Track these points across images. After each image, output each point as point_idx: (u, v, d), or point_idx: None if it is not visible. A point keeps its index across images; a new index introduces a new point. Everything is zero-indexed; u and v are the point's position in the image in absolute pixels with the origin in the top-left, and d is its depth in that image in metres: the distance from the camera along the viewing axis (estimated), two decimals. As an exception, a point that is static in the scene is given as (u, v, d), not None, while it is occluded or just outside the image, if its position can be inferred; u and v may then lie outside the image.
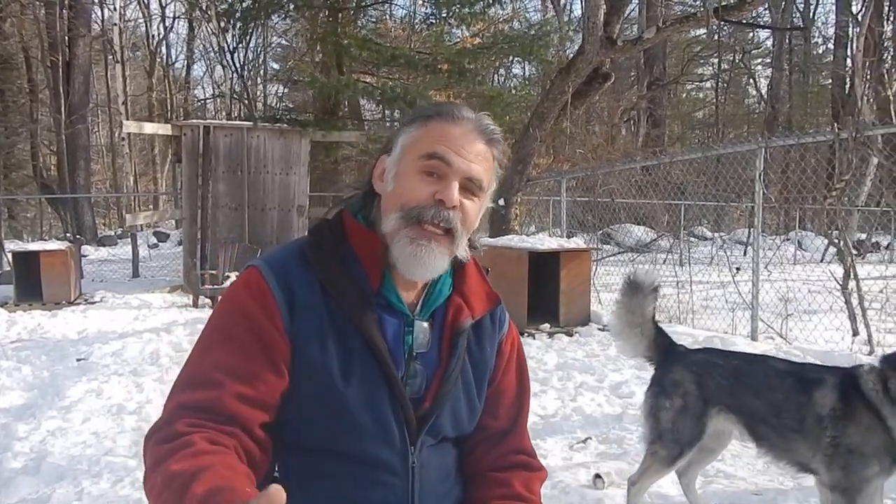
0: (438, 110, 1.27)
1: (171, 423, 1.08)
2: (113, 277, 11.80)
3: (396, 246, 1.21)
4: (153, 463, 1.05)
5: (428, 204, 1.20)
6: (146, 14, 23.66)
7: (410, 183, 1.21)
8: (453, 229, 1.21)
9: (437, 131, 1.23)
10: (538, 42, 12.61)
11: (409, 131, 1.25)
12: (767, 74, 25.08)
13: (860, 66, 9.26)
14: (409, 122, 1.28)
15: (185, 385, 1.16)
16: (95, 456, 3.28)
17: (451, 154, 1.21)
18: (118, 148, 22.39)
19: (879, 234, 14.93)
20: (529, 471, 1.38)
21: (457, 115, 1.24)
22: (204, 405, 1.10)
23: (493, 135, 1.26)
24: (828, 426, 2.31)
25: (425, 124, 1.24)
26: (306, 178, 10.54)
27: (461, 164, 1.21)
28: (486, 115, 1.30)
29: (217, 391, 1.11)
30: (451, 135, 1.22)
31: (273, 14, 14.47)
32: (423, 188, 1.20)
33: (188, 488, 0.95)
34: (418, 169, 1.21)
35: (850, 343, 5.50)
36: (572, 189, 11.21)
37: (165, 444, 1.05)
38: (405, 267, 1.22)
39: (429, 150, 1.21)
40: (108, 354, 5.54)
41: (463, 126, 1.24)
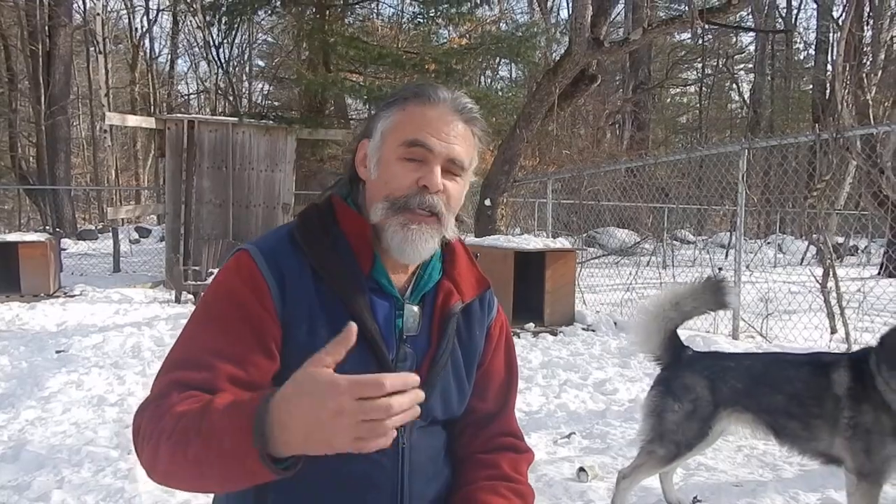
0: (415, 91, 1.25)
1: (165, 396, 1.07)
2: (93, 272, 11.67)
3: (387, 233, 1.22)
4: (154, 420, 1.03)
5: (413, 191, 1.20)
6: (129, 6, 23.42)
7: (393, 171, 1.21)
8: (439, 212, 1.22)
9: (416, 115, 1.22)
10: (525, 43, 12.65)
11: (387, 116, 1.25)
12: (750, 79, 25.41)
13: (841, 70, 9.37)
14: (386, 106, 1.27)
15: (175, 366, 1.14)
16: (76, 445, 3.25)
17: (431, 139, 1.20)
18: (99, 141, 22.14)
19: (857, 237, 15.16)
20: (517, 453, 1.39)
21: (433, 97, 1.23)
22: (196, 384, 1.09)
23: (470, 113, 1.26)
24: (845, 406, 2.34)
25: (403, 108, 1.24)
26: (292, 175, 10.50)
27: (442, 147, 1.21)
28: (462, 93, 1.29)
29: (208, 373, 1.10)
30: (429, 118, 1.22)
31: (259, 10, 14.38)
32: (407, 175, 1.20)
33: (209, 406, 0.97)
34: (400, 156, 1.21)
35: (828, 341, 5.59)
36: (557, 191, 11.27)
37: (164, 402, 1.04)
38: (398, 251, 1.23)
39: (409, 136, 1.20)
40: (88, 347, 5.48)
41: (440, 107, 1.23)
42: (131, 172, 27.30)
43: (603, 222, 13.08)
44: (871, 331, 5.90)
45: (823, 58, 20.43)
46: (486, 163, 9.56)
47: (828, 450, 2.42)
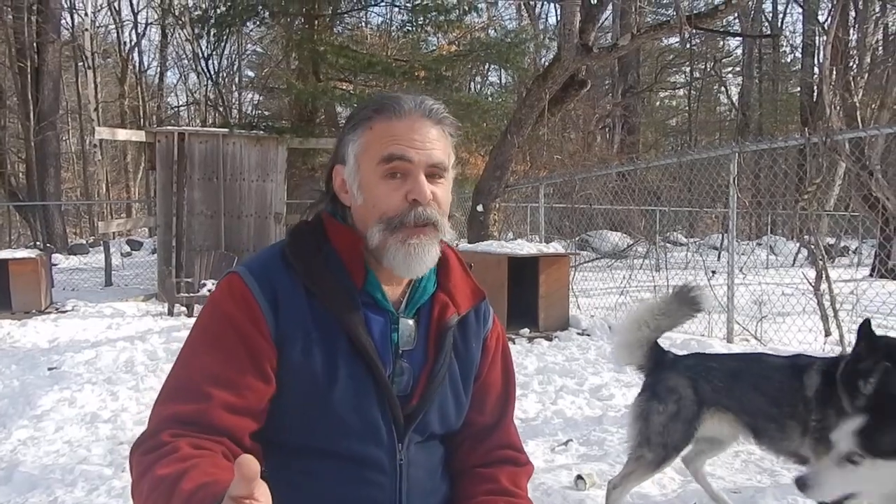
0: (377, 107, 1.23)
1: (156, 435, 1.07)
2: (84, 286, 11.60)
3: (389, 252, 1.20)
4: (140, 473, 1.04)
5: (405, 208, 1.19)
6: (117, 20, 23.39)
7: (379, 191, 1.20)
8: (435, 221, 1.21)
9: (385, 132, 1.20)
10: (514, 49, 12.70)
11: (355, 139, 1.23)
12: (738, 83, 25.59)
13: (828, 73, 9.47)
14: (351, 129, 1.24)
15: (171, 396, 1.14)
16: (69, 465, 3.21)
17: (408, 150, 1.19)
18: (89, 155, 22.06)
19: (848, 239, 15.24)
20: (516, 465, 1.38)
21: (398, 110, 1.21)
22: (191, 418, 1.09)
23: (438, 115, 1.24)
24: (812, 408, 2.38)
25: (370, 127, 1.21)
26: (283, 185, 10.48)
27: (420, 156, 1.19)
28: (424, 97, 1.27)
29: (204, 403, 1.10)
30: (400, 131, 1.20)
31: (248, 21, 14.38)
32: (393, 193, 1.19)
33: (175, 487, 0.96)
34: (380, 175, 1.19)
35: (822, 343, 5.60)
36: (549, 196, 11.29)
37: (151, 454, 1.04)
38: (403, 268, 1.21)
39: (384, 153, 1.18)
40: (80, 363, 5.43)
41: (407, 118, 1.21)
42: (122, 186, 27.20)
43: (595, 226, 13.11)
44: (865, 332, 5.93)
45: (810, 61, 20.60)
46: (478, 168, 9.57)
47: (798, 450, 2.45)
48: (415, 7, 12.76)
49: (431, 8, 12.42)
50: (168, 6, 19.25)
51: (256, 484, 0.85)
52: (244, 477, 0.84)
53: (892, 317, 6.07)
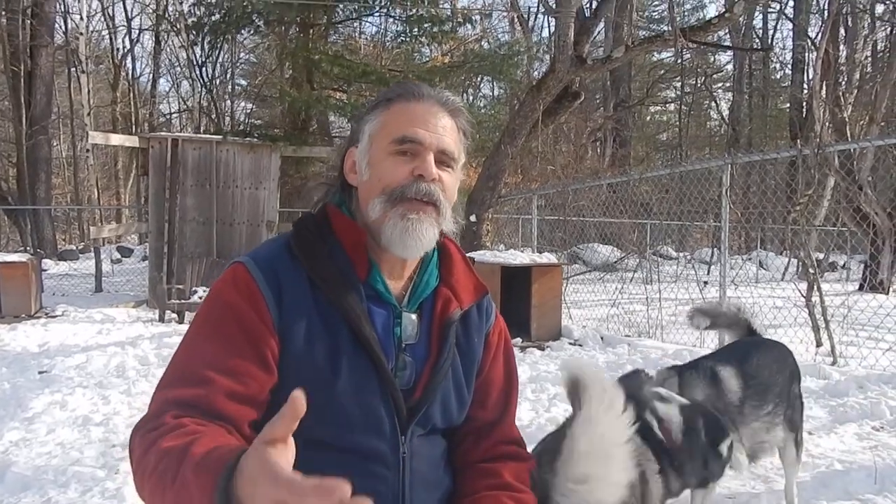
0: (398, 91, 1.27)
1: (158, 417, 1.07)
2: (75, 292, 11.51)
3: (387, 227, 1.21)
4: (143, 449, 1.03)
5: (408, 181, 1.21)
6: (111, 26, 23.36)
7: (385, 166, 1.22)
8: (437, 201, 1.22)
9: (402, 112, 1.23)
10: (508, 62, 12.79)
11: (373, 119, 1.25)
12: (728, 98, 25.83)
13: (818, 88, 9.59)
14: (370, 110, 1.28)
15: (173, 381, 1.14)
16: (62, 466, 3.19)
17: (421, 132, 1.21)
18: (80, 161, 21.94)
19: (836, 254, 15.36)
20: (518, 461, 1.38)
21: (417, 93, 1.25)
22: (193, 402, 1.08)
23: (455, 105, 1.28)
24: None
25: (387, 107, 1.25)
26: (276, 193, 10.47)
27: (432, 139, 1.22)
28: (444, 90, 1.31)
29: (206, 388, 1.10)
30: (416, 113, 1.23)
31: (242, 29, 14.42)
32: (400, 167, 1.21)
33: (186, 453, 0.95)
34: (391, 153, 1.22)
35: (814, 354, 5.64)
36: (541, 208, 11.34)
37: (153, 432, 1.04)
38: (399, 243, 1.21)
39: (398, 134, 1.21)
40: (71, 367, 5.39)
41: (425, 103, 1.24)
42: (112, 191, 27.06)
43: (586, 238, 13.16)
44: (856, 344, 5.98)
45: (800, 77, 20.85)
46: (471, 179, 9.61)
47: None
48: (409, 18, 12.84)
49: (426, 19, 12.51)
50: (163, 13, 19.26)
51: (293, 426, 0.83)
52: (293, 414, 0.82)
53: (882, 329, 6.13)
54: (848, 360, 5.51)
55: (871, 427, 3.92)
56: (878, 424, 3.95)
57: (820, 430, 3.89)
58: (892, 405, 4.18)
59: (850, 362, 5.45)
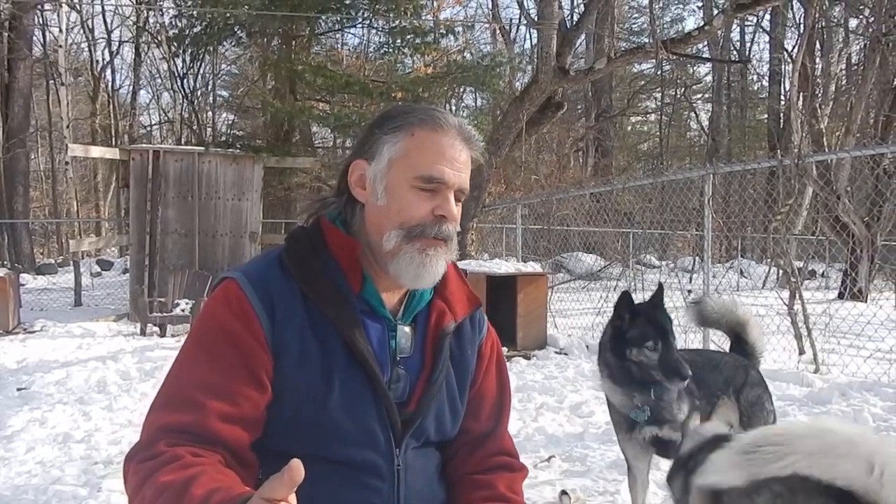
0: (422, 118, 1.23)
1: (151, 446, 1.06)
2: (53, 306, 11.34)
3: (402, 260, 1.20)
4: (139, 481, 1.02)
5: (429, 220, 1.20)
6: (90, 38, 23.16)
7: (407, 200, 1.20)
8: (451, 238, 1.23)
9: (427, 143, 1.21)
10: (490, 72, 12.84)
11: (395, 141, 1.22)
12: (708, 108, 26.14)
13: (795, 100, 9.74)
14: (392, 130, 1.23)
15: (166, 405, 1.12)
16: (42, 485, 3.12)
17: (447, 172, 1.20)
18: (59, 173, 21.70)
19: (815, 263, 15.55)
20: (512, 471, 1.38)
21: (442, 123, 1.22)
22: (186, 427, 1.07)
23: (474, 139, 1.26)
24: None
25: (411, 133, 1.21)
26: (259, 204, 10.41)
27: (455, 178, 1.21)
28: (463, 119, 1.31)
29: (199, 413, 1.09)
30: (442, 148, 1.21)
31: (224, 40, 14.38)
32: (422, 205, 1.20)
33: (185, 493, 0.94)
34: (413, 186, 1.20)
35: (797, 362, 5.69)
36: (525, 217, 11.38)
37: (149, 462, 1.03)
38: (412, 277, 1.21)
39: (425, 171, 1.19)
40: (51, 383, 5.30)
41: (449, 135, 1.22)
42: (92, 204, 26.73)
43: (570, 247, 13.22)
44: (838, 352, 6.05)
45: (777, 89, 21.18)
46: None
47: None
48: (392, 29, 12.89)
49: (408, 30, 12.56)
50: (143, 25, 19.16)
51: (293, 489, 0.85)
52: (290, 481, 0.84)
53: (863, 337, 6.20)
54: (830, 367, 5.57)
55: (855, 434, 3.95)
56: (861, 431, 3.98)
57: (805, 438, 3.92)
58: (874, 412, 4.23)
59: (832, 370, 5.51)
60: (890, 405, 4.38)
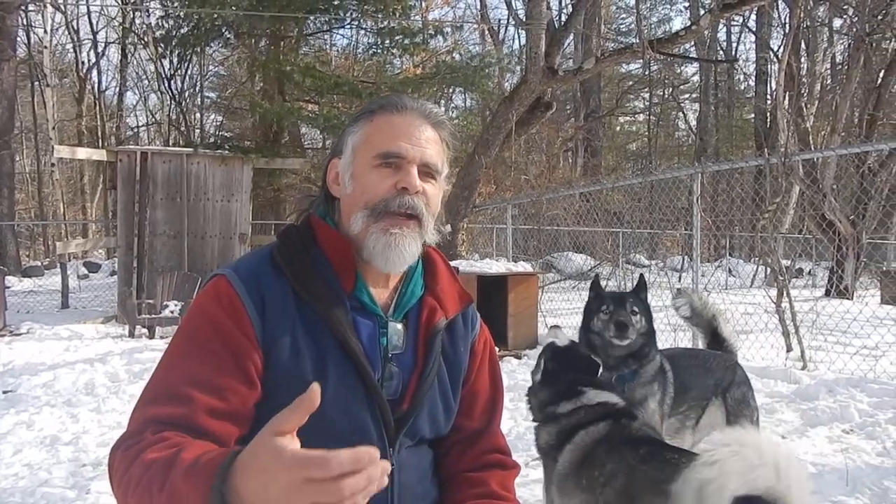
0: (381, 103, 1.27)
1: (139, 434, 1.05)
2: (40, 309, 11.24)
3: (369, 240, 1.21)
4: (125, 465, 1.01)
5: (391, 195, 1.20)
6: (76, 40, 22.99)
7: (369, 179, 1.21)
8: (420, 214, 1.22)
9: (385, 126, 1.23)
10: (479, 73, 12.87)
11: (356, 130, 1.25)
12: (695, 108, 26.29)
13: (781, 99, 9.81)
14: (353, 122, 1.28)
15: (153, 399, 1.12)
16: (30, 488, 3.10)
17: (404, 146, 1.21)
18: (45, 175, 21.52)
19: (802, 260, 15.67)
20: (504, 469, 1.39)
21: (399, 106, 1.25)
22: (174, 420, 1.07)
23: (438, 118, 1.28)
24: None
25: (371, 119, 1.25)
26: (248, 205, 10.37)
27: (415, 152, 1.22)
28: (427, 101, 1.31)
29: (187, 406, 1.08)
30: (399, 126, 1.23)
31: (212, 41, 14.31)
32: (383, 181, 1.21)
33: (174, 461, 0.93)
34: (374, 166, 1.21)
35: (784, 359, 5.72)
36: (515, 217, 11.41)
37: (136, 447, 1.02)
38: (381, 259, 1.21)
39: (381, 148, 1.21)
40: (38, 386, 5.25)
41: (408, 115, 1.24)
42: (78, 206, 26.53)
43: (560, 247, 13.25)
44: (824, 349, 6.10)
45: (763, 88, 21.32)
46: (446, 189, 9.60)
47: None
48: (381, 30, 12.88)
49: (397, 31, 12.56)
50: (129, 26, 19.02)
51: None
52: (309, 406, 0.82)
53: (849, 334, 6.25)
54: (817, 364, 5.61)
55: (841, 430, 3.99)
56: (847, 427, 4.03)
57: (792, 434, 3.95)
58: (860, 408, 4.26)
59: (819, 367, 5.55)
60: (875, 401, 4.42)
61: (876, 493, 2.96)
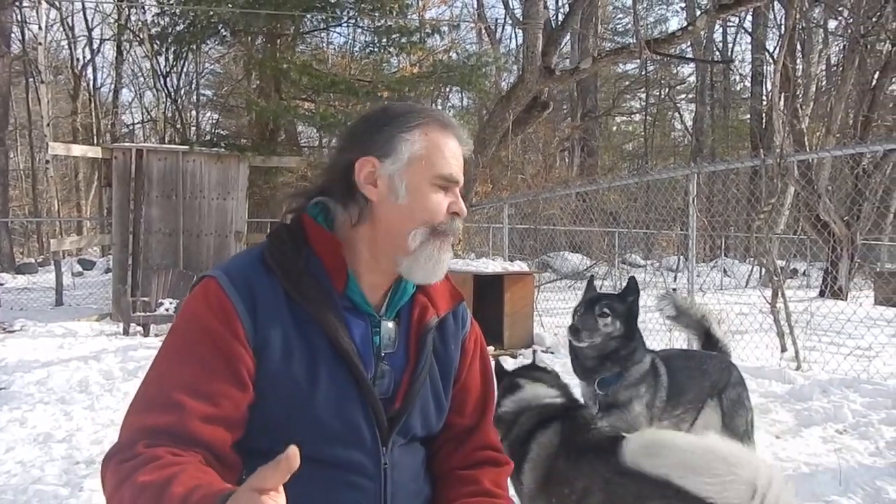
0: (433, 115, 1.27)
1: (130, 447, 1.05)
2: (34, 306, 11.20)
3: (421, 256, 1.23)
4: (117, 481, 1.01)
5: (448, 219, 1.25)
6: (71, 36, 22.89)
7: (430, 199, 1.23)
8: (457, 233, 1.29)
9: (443, 145, 1.25)
10: (476, 72, 12.84)
11: (412, 139, 1.22)
12: (691, 108, 26.33)
13: (776, 100, 9.83)
14: (406, 129, 1.23)
15: (144, 406, 1.11)
16: (22, 485, 3.08)
17: (458, 173, 1.26)
18: (39, 172, 21.45)
19: (796, 261, 15.73)
20: (497, 466, 1.38)
21: (447, 124, 1.28)
22: (165, 429, 1.06)
23: (468, 141, 1.33)
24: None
25: (425, 133, 1.23)
26: (244, 203, 10.35)
27: (461, 177, 1.28)
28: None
29: (178, 413, 1.07)
30: (452, 148, 1.26)
31: (208, 39, 14.27)
32: (443, 203, 1.24)
33: (165, 491, 0.93)
34: (434, 184, 1.24)
35: (779, 359, 5.74)
36: (511, 216, 11.42)
37: (128, 462, 1.01)
38: (428, 274, 1.25)
39: (444, 171, 1.24)
40: (31, 383, 5.22)
41: (454, 137, 1.28)
42: (73, 203, 26.44)
43: (556, 246, 13.26)
44: (819, 350, 6.11)
45: (759, 89, 21.36)
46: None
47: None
48: (377, 29, 12.85)
49: (394, 30, 12.53)
50: (125, 23, 18.94)
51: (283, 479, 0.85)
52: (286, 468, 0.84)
53: (843, 334, 6.28)
54: (811, 364, 5.63)
55: (835, 430, 4.01)
56: (841, 427, 4.04)
57: (786, 434, 3.96)
58: (854, 409, 4.28)
59: (813, 367, 5.56)
60: (869, 401, 4.43)
61: (869, 493, 2.97)
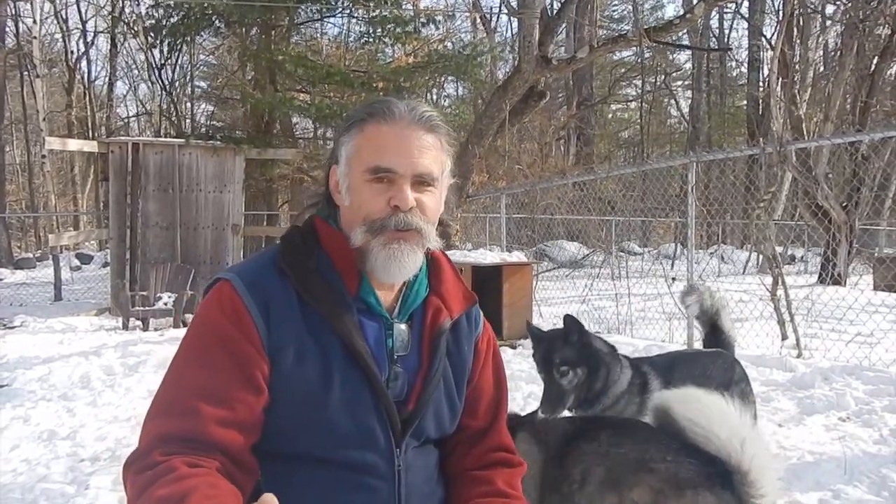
0: (371, 111, 1.23)
1: (148, 454, 1.05)
2: (33, 301, 11.18)
3: (370, 255, 1.20)
4: (136, 492, 1.02)
5: (387, 213, 1.19)
6: (65, 29, 22.72)
7: (364, 195, 1.20)
8: (416, 228, 1.21)
9: (375, 137, 1.20)
10: (472, 62, 12.78)
11: (348, 140, 1.23)
12: (688, 96, 26.29)
13: (774, 87, 9.81)
14: (345, 130, 1.25)
15: (162, 412, 1.12)
16: (28, 483, 3.08)
17: (394, 160, 1.19)
18: (35, 166, 21.34)
19: (794, 247, 15.76)
20: (510, 467, 1.38)
21: (390, 113, 1.21)
22: (182, 435, 1.07)
23: (431, 122, 1.24)
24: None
25: (361, 129, 1.22)
26: (241, 196, 10.30)
27: (406, 166, 1.19)
28: (419, 102, 1.27)
29: (195, 419, 1.08)
30: (389, 138, 1.20)
31: (202, 30, 14.17)
32: (378, 198, 1.19)
33: None
34: (367, 181, 1.20)
35: (779, 347, 5.75)
36: (508, 206, 11.40)
37: (147, 472, 1.02)
38: (383, 272, 1.21)
39: (372, 164, 1.19)
40: (33, 380, 5.21)
41: (398, 124, 1.21)
42: (69, 198, 26.35)
43: (553, 235, 13.26)
44: (819, 337, 6.13)
45: (756, 75, 21.31)
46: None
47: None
48: (372, 19, 12.76)
49: (389, 20, 12.44)
50: (119, 15, 18.81)
51: None
52: None
53: (844, 321, 6.29)
54: (812, 352, 5.64)
55: (838, 418, 4.01)
56: (844, 415, 4.05)
57: (789, 423, 3.97)
58: (856, 396, 4.29)
59: (814, 354, 5.58)
60: (871, 388, 4.44)
61: (874, 482, 2.97)
